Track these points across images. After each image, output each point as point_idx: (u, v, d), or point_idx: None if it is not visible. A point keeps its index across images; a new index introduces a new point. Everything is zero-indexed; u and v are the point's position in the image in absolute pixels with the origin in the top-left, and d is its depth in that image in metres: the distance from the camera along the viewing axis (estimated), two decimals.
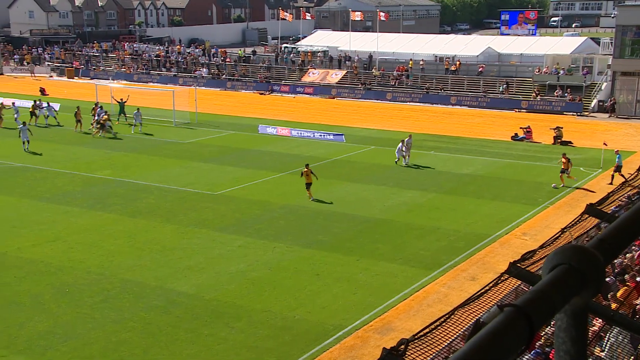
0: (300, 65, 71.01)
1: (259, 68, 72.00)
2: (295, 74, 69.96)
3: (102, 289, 19.27)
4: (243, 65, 73.22)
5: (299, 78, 68.99)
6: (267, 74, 70.73)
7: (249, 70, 72.15)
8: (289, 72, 70.43)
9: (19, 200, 27.96)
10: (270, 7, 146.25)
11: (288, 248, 22.94)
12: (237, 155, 37.63)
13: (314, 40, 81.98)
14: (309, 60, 71.85)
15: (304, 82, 67.84)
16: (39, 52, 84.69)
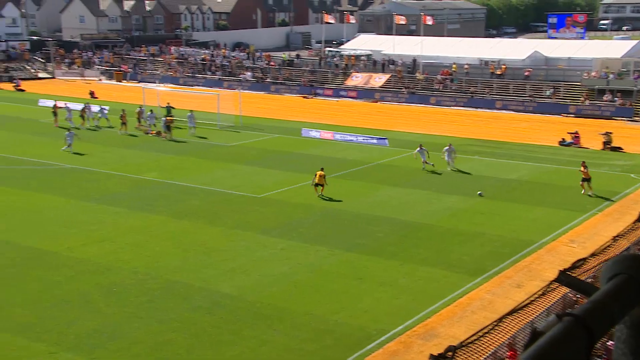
0: (344, 68, 71.02)
1: (302, 72, 72.25)
2: (338, 77, 69.99)
3: (148, 289, 19.60)
4: (287, 68, 73.60)
5: (342, 82, 68.99)
6: (311, 77, 70.92)
7: (293, 74, 72.45)
8: (332, 76, 70.50)
9: (69, 201, 28.66)
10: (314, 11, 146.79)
11: (330, 251, 22.95)
12: (280, 159, 37.82)
13: (357, 44, 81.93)
14: (353, 64, 71.80)
15: (347, 85, 67.81)
16: (89, 56, 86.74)
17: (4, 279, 20.11)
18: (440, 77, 64.03)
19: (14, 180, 31.80)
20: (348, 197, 30.06)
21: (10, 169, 34.21)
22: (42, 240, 23.55)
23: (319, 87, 68.26)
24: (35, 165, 35.14)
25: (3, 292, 19.21)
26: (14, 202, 28.31)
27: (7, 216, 26.38)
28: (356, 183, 32.57)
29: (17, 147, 39.73)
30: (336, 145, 42.17)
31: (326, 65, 73.55)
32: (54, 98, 56.18)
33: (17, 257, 21.86)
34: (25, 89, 68.76)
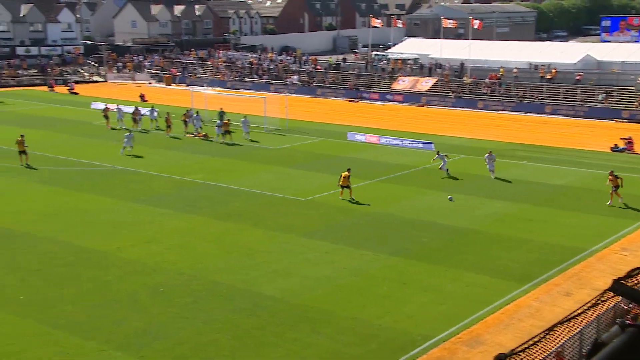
0: (390, 72, 70.73)
1: (348, 75, 72.24)
2: (385, 81, 69.74)
3: (193, 290, 19.81)
4: (333, 72, 73.68)
5: (388, 86, 68.71)
6: (357, 81, 70.84)
7: (339, 78, 72.48)
8: (378, 80, 70.29)
9: (118, 202, 29.23)
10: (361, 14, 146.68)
11: (375, 256, 22.81)
12: (325, 162, 37.84)
13: (404, 48, 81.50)
14: (399, 68, 71.45)
15: (393, 89, 67.51)
16: (139, 60, 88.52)
17: (57, 277, 20.61)
18: (488, 81, 63.15)
19: (68, 182, 32.61)
20: (393, 201, 29.85)
21: (63, 170, 35.10)
22: (93, 241, 24.06)
23: (365, 91, 68.14)
24: (87, 167, 35.98)
25: (56, 290, 19.68)
26: (67, 202, 29.02)
27: (60, 216, 27.07)
28: (401, 187, 32.35)
29: (70, 149, 40.75)
30: (381, 149, 41.99)
31: (372, 69, 73.38)
32: (105, 101, 57.47)
33: (70, 257, 22.39)
34: (78, 92, 70.56)
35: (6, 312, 18.12)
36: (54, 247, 23.27)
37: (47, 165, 36.17)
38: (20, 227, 25.50)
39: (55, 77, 78.00)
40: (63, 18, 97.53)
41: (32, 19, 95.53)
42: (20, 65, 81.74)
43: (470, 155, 39.82)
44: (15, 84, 76.70)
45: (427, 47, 79.71)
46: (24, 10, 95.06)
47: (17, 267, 21.45)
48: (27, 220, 26.40)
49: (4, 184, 31.86)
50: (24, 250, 22.91)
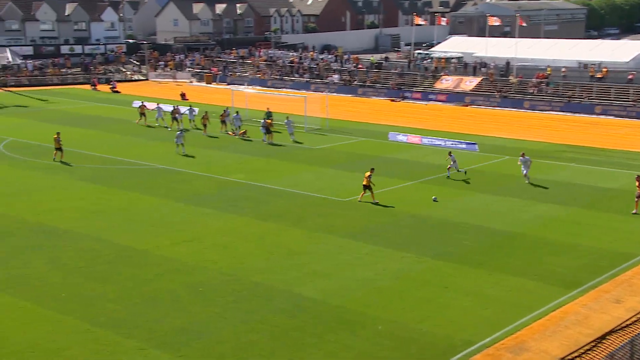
0: (434, 71, 70.24)
1: (391, 74, 71.99)
2: (428, 80, 69.30)
3: (233, 290, 20.02)
4: (375, 71, 73.53)
5: (431, 85, 68.26)
6: (399, 80, 70.56)
7: (381, 77, 72.30)
8: (421, 79, 69.88)
9: (160, 201, 29.72)
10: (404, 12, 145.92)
11: (416, 258, 22.71)
12: (366, 162, 37.79)
13: (448, 46, 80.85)
14: (443, 67, 70.92)
15: (436, 89, 67.04)
16: (181, 59, 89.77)
17: (98, 275, 21.07)
18: (535, 81, 62.18)
19: (111, 180, 33.30)
20: (435, 203, 29.63)
21: (106, 169, 35.85)
22: (134, 239, 24.52)
23: (407, 90, 67.85)
24: (129, 166, 36.67)
25: (98, 287, 20.12)
26: (109, 200, 29.64)
27: (103, 214, 27.66)
28: (444, 189, 32.11)
29: (112, 147, 41.58)
30: (424, 149, 41.74)
31: (415, 68, 72.98)
32: (146, 100, 58.46)
33: (112, 254, 22.87)
34: (120, 90, 71.95)
35: (48, 309, 18.60)
36: (96, 245, 23.79)
37: (90, 163, 36.99)
38: (64, 224, 26.14)
39: (98, 76, 79.67)
40: (106, 17, 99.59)
41: (77, 18, 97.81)
42: (65, 64, 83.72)
43: (515, 157, 39.25)
44: (59, 83, 78.64)
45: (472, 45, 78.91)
46: (69, 9, 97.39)
47: (60, 264, 22.00)
48: (70, 217, 27.05)
49: (47, 182, 32.70)
50: (66, 248, 23.49)
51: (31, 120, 51.75)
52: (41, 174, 34.22)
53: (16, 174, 34.38)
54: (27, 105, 60.77)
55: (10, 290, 19.82)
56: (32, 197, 29.93)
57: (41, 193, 30.70)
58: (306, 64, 79.41)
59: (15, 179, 33.29)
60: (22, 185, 32.04)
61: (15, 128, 48.20)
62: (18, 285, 20.19)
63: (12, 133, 45.65)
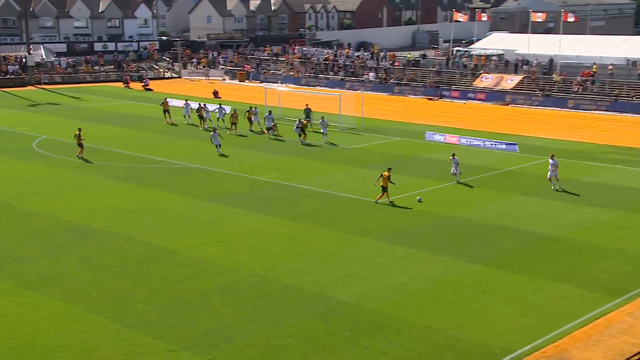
0: (473, 69, 69.62)
1: (428, 72, 71.61)
2: (466, 78, 68.73)
3: (264, 292, 20.11)
4: (412, 69, 73.20)
5: (470, 83, 67.69)
6: (437, 78, 70.11)
7: (418, 75, 71.95)
8: (460, 77, 69.35)
9: (191, 200, 30.01)
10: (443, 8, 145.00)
11: (452, 262, 22.53)
12: (402, 163, 37.63)
13: (488, 43, 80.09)
14: (483, 65, 70.27)
15: (475, 87, 66.46)
16: (214, 56, 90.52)
17: (129, 275, 21.37)
18: (580, 79, 61.17)
19: (142, 179, 33.74)
20: (473, 205, 29.39)
21: (138, 167, 36.34)
22: (165, 239, 24.80)
23: (445, 89, 67.42)
24: (161, 165, 37.11)
25: (128, 287, 20.41)
26: (140, 199, 30.04)
27: (134, 213, 28.05)
28: (482, 191, 31.80)
29: (144, 146, 42.12)
30: (462, 150, 41.40)
31: (454, 66, 72.47)
32: (179, 97, 59.12)
33: (142, 254, 23.16)
34: (153, 88, 72.88)
35: (79, 308, 18.91)
36: (126, 244, 24.13)
37: (121, 162, 37.53)
38: (95, 223, 26.57)
39: (131, 73, 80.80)
40: (140, 14, 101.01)
41: (110, 14, 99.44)
42: (98, 61, 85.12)
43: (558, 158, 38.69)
44: (92, 80, 79.99)
45: (514, 42, 78.05)
46: (103, 6, 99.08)
47: (91, 263, 22.37)
48: (101, 216, 27.48)
49: (79, 180, 33.28)
50: (97, 247, 23.87)
51: (64, 118, 52.72)
52: (74, 173, 34.84)
53: (49, 172, 35.07)
54: (59, 103, 61.96)
55: (41, 289, 20.21)
56: (64, 196, 30.49)
57: (73, 192, 31.26)
58: (341, 61, 79.40)
59: (48, 177, 33.96)
60: (55, 184, 32.66)
61: (48, 126, 49.16)
62: (49, 284, 20.58)
63: (44, 131, 46.57)
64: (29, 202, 29.48)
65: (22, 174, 34.70)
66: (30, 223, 26.55)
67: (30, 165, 36.53)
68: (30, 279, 20.98)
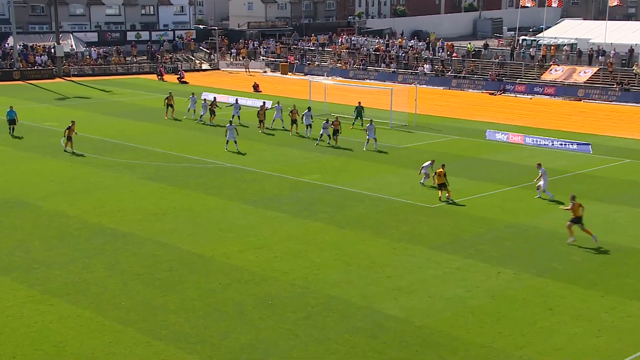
0: (541, 60, 68.72)
1: (490, 64, 70.93)
2: (533, 71, 67.90)
3: (306, 304, 20.14)
4: (472, 60, 72.61)
5: (538, 76, 66.85)
6: (500, 71, 69.41)
7: (479, 67, 71.35)
8: (526, 69, 68.56)
9: (228, 203, 30.28)
10: None
11: (515, 275, 22.23)
12: (460, 164, 37.30)
13: (559, 31, 78.85)
14: (552, 55, 69.28)
15: (544, 80, 65.60)
16: (254, 46, 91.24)
17: (160, 283, 21.66)
18: None
19: (176, 179, 34.19)
20: (539, 211, 28.97)
21: (171, 167, 36.85)
22: (199, 244, 25.07)
23: (509, 82, 66.73)
24: (196, 164, 37.55)
25: (159, 296, 20.68)
26: (173, 201, 30.44)
27: (166, 216, 28.44)
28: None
29: (178, 143, 42.68)
30: (527, 150, 40.85)
31: (519, 57, 71.64)
32: (216, 91, 59.78)
33: (174, 261, 23.46)
34: (188, 81, 73.85)
35: (108, 318, 19.23)
36: (157, 250, 24.48)
37: (153, 160, 38.10)
38: (124, 226, 27.03)
39: (165, 65, 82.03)
40: (176, 0, 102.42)
41: (144, 1, 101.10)
42: (130, 51, 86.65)
43: (637, 160, 37.86)
44: (124, 72, 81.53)
45: (588, 30, 76.64)
46: None
47: (120, 269, 22.75)
48: (131, 219, 27.94)
49: (108, 180, 33.91)
50: (127, 252, 24.26)
51: (93, 113, 53.83)
52: (103, 172, 35.52)
53: (77, 170, 35.83)
54: (89, 97, 63.32)
55: (68, 296, 20.63)
56: (93, 196, 31.11)
57: (102, 192, 31.86)
58: (393, 52, 79.21)
59: (76, 176, 34.69)
60: (83, 183, 33.35)
61: (77, 121, 50.12)
62: (77, 291, 20.98)
63: None
64: (56, 202, 30.17)
65: (49, 172, 35.55)
66: (58, 225, 27.16)
67: (58, 164, 37.40)
68: (56, 285, 21.44)
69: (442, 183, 29.98)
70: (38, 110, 55.28)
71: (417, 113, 49.82)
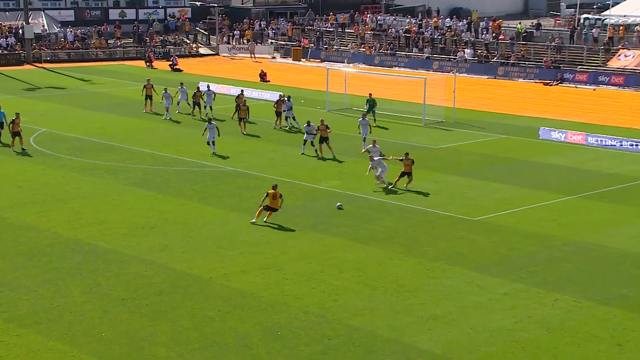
0: (607, 44, 68.37)
1: (545, 48, 70.68)
2: (597, 56, 67.64)
3: (322, 335, 20.13)
4: (522, 44, 72.41)
5: (603, 62, 66.58)
6: (557, 56, 69.12)
7: (531, 52, 71.11)
8: (588, 54, 68.30)
9: (228, 214, 30.34)
10: None
11: (575, 303, 22.15)
12: (507, 168, 37.18)
13: (630, 8, 78.21)
14: (621, 37, 68.99)
15: (610, 68, 65.35)
16: (261, 27, 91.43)
17: (148, 310, 21.70)
18: None
19: (166, 185, 34.30)
20: (605, 227, 28.90)
21: (161, 170, 36.96)
22: (195, 263, 25.14)
23: (567, 70, 66.46)
24: (191, 167, 37.65)
25: (147, 325, 20.72)
26: (164, 212, 30.53)
27: (156, 230, 28.52)
28: (618, 207, 31.24)
29: (170, 143, 42.83)
30: (590, 152, 40.72)
31: (580, 39, 71.25)
32: (216, 81, 59.92)
33: (165, 283, 23.53)
34: (182, 68, 74.17)
35: (85, 352, 19.28)
36: (145, 270, 24.56)
37: (140, 163, 38.25)
38: (106, 242, 27.14)
39: (155, 49, 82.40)
40: None
41: None
42: (114, 33, 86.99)
43: None
44: (106, 58, 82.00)
45: None
46: None
47: (100, 294, 22.83)
48: (114, 233, 28.06)
49: (88, 187, 34.07)
50: (108, 273, 24.35)
51: (69, 107, 54.19)
52: (80, 176, 35.68)
53: (49, 175, 36.02)
54: (64, 87, 63.75)
55: (38, 326, 20.71)
56: (67, 206, 31.27)
57: (79, 201, 32.02)
58: (428, 34, 79.11)
59: (48, 181, 34.88)
60: (57, 190, 33.53)
61: (50, 116, 50.56)
62: (49, 320, 21.06)
63: (45, 122, 47.87)
64: (24, 213, 30.34)
65: (15, 177, 35.75)
66: (26, 240, 27.30)
67: (26, 166, 37.63)
68: (24, 312, 21.52)
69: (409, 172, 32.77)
70: (2, 102, 55.65)
71: (456, 107, 49.69)
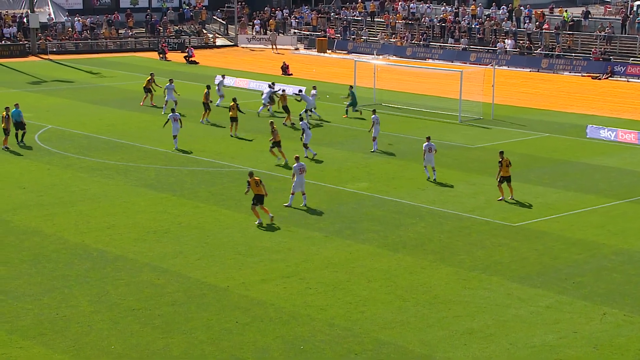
0: None
1: (593, 39, 70.23)
2: None
3: (348, 350, 20.12)
4: (568, 34, 71.97)
5: None
6: (607, 47, 68.63)
7: (578, 42, 70.68)
8: None
9: (247, 218, 30.33)
10: None
11: (627, 317, 22.01)
12: (551, 170, 37.00)
13: None
14: None
15: None
16: (283, 16, 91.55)
17: (161, 321, 21.78)
18: None
19: (181, 186, 34.40)
20: None
21: (175, 171, 37.07)
22: (211, 271, 25.19)
23: (618, 63, 65.98)
24: (206, 167, 37.74)
25: (159, 338, 20.80)
26: (177, 215, 30.63)
27: (169, 235, 28.62)
28: None
29: (186, 141, 42.92)
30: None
31: (633, 29, 70.73)
32: (233, 74, 59.98)
33: (179, 292, 23.60)
34: (199, 61, 74.37)
35: None
36: (157, 278, 24.65)
37: (152, 163, 38.38)
38: (116, 248, 27.28)
39: (169, 40, 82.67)
40: None
41: None
42: (125, 22, 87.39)
43: None
44: (116, 49, 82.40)
45: None
46: None
47: (109, 303, 22.94)
48: (124, 238, 28.19)
49: (96, 188, 34.23)
50: (118, 281, 24.47)
51: (77, 101, 54.49)
52: (88, 177, 35.86)
53: (56, 175, 36.22)
54: (72, 80, 64.10)
55: (42, 337, 20.85)
56: (75, 209, 31.45)
57: (87, 203, 32.19)
58: (464, 23, 78.86)
59: (54, 182, 35.09)
60: (63, 191, 33.71)
61: (56, 111, 50.83)
62: (54, 331, 21.18)
63: (51, 119, 48.15)
64: (29, 216, 30.55)
65: (20, 177, 36.00)
66: (30, 246, 27.47)
67: (31, 166, 37.86)
68: (27, 323, 21.67)
69: (508, 176, 31.81)
70: (6, 97, 56.11)
71: (495, 103, 49.50)
